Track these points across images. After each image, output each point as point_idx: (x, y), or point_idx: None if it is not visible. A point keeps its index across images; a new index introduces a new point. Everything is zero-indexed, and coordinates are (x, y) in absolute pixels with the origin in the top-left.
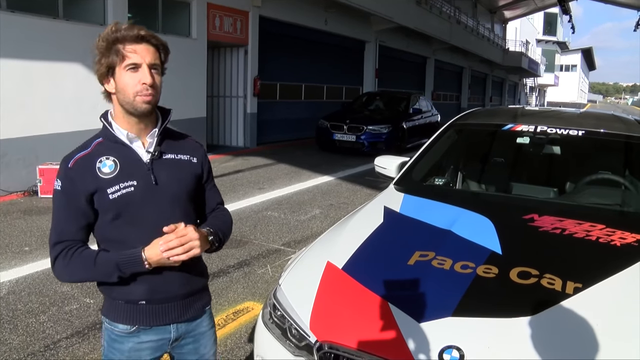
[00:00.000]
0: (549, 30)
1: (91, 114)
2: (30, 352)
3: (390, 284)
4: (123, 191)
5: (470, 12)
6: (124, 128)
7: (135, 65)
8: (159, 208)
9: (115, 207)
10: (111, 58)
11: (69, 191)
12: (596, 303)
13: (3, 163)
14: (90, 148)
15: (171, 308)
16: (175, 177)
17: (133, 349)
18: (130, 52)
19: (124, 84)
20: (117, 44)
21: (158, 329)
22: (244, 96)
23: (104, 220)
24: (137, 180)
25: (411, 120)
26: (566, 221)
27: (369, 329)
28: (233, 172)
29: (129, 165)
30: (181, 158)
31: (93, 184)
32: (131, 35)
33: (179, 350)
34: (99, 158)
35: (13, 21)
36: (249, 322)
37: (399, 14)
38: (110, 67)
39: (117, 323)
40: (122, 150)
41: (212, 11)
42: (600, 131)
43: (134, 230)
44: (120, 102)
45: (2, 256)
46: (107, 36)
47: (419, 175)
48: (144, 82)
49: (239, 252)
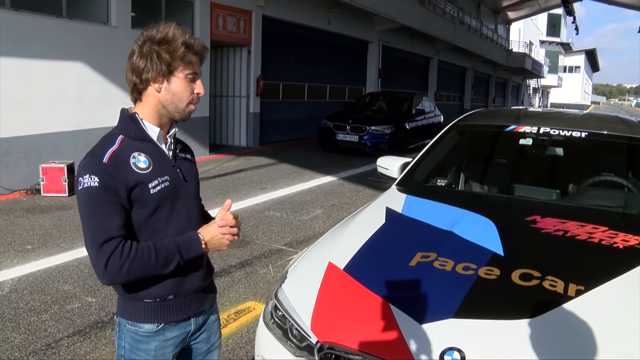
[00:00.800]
0: (552, 31)
1: (93, 112)
2: (32, 351)
3: (392, 285)
4: (162, 185)
5: (474, 13)
6: (156, 126)
7: (195, 74)
8: (188, 202)
9: (156, 201)
10: (176, 62)
11: (109, 186)
12: (598, 305)
13: (5, 161)
14: (116, 144)
15: (193, 300)
16: (191, 174)
17: (159, 347)
18: (194, 62)
19: (181, 89)
20: (187, 50)
21: (182, 323)
22: (247, 96)
23: (139, 217)
24: (169, 176)
25: (414, 121)
26: (568, 223)
27: (370, 330)
28: (235, 171)
29: (159, 161)
30: (187, 157)
31: (132, 178)
32: (201, 48)
33: (194, 341)
34: (130, 154)
35: (17, 20)
36: (251, 322)
37: (402, 14)
38: (172, 70)
39: (142, 324)
40: (147, 147)
41: (216, 11)
42: (603, 133)
43: (170, 223)
44: (166, 105)
45: (5, 254)
46: (180, 40)
47: (421, 176)
48: (200, 92)
49: (241, 252)
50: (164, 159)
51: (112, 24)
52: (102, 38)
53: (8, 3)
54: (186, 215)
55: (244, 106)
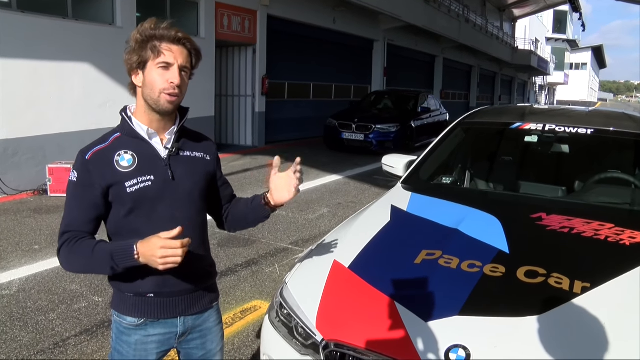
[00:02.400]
0: (558, 28)
1: (99, 113)
2: (39, 350)
3: (397, 283)
4: (140, 185)
5: (479, 11)
6: (144, 124)
7: (167, 64)
8: (175, 203)
9: (132, 200)
10: (145, 52)
11: (84, 182)
12: (604, 303)
13: (13, 162)
14: (108, 142)
15: (179, 302)
16: (191, 173)
17: (140, 341)
18: (166, 51)
19: (152, 79)
20: (154, 41)
21: (165, 322)
22: (252, 95)
23: (118, 214)
24: (155, 175)
25: (419, 119)
26: (574, 220)
27: (376, 327)
28: (241, 170)
29: (147, 160)
30: (196, 155)
31: (111, 177)
32: (169, 35)
33: (186, 346)
34: (117, 152)
35: (23, 21)
36: (257, 321)
37: (407, 12)
38: (142, 61)
39: (125, 315)
40: (140, 145)
41: (221, 10)
42: (609, 129)
43: (148, 224)
44: (145, 97)
45: (13, 254)
46: (146, 31)
47: (426, 174)
48: (172, 81)
49: (247, 251)
50: (154, 158)
51: (118, 25)
52: (107, 39)
53: (15, 5)
54: (171, 217)
55: (250, 105)
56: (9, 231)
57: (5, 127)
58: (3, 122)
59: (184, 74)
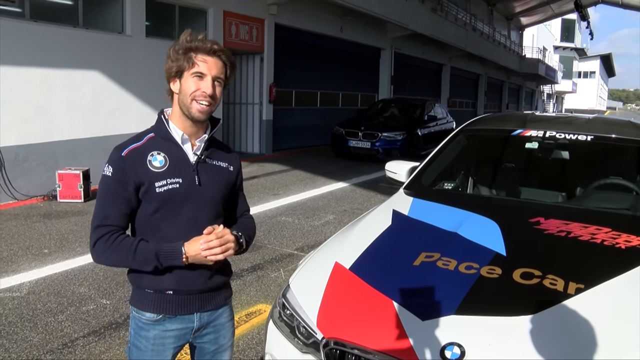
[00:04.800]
0: (566, 36)
1: (109, 120)
2: (49, 350)
3: (396, 284)
4: (169, 186)
5: (486, 19)
6: (179, 128)
7: (201, 74)
8: (197, 207)
9: (159, 200)
10: (182, 62)
11: (119, 178)
12: (597, 303)
13: (24, 168)
14: (143, 141)
15: (195, 299)
16: (215, 181)
17: (158, 336)
18: (201, 62)
19: (187, 87)
20: (191, 52)
21: (182, 318)
22: (260, 103)
23: (146, 211)
24: (182, 179)
25: (426, 127)
26: (572, 224)
27: (374, 326)
28: (248, 178)
29: (177, 163)
30: (221, 165)
31: (143, 175)
32: (205, 47)
33: (200, 340)
34: (150, 152)
35: (35, 30)
36: (261, 324)
37: (414, 21)
38: (179, 70)
39: (144, 311)
40: (172, 148)
41: (229, 19)
42: (611, 136)
43: (171, 224)
44: (180, 104)
45: (23, 258)
46: (184, 44)
47: (428, 179)
48: (205, 90)
49: (253, 256)
50: (183, 162)
51: (127, 33)
52: (117, 47)
53: (28, 15)
54: (193, 220)
55: (257, 113)
56: (20, 235)
57: (16, 134)
58: (14, 128)
59: (217, 83)
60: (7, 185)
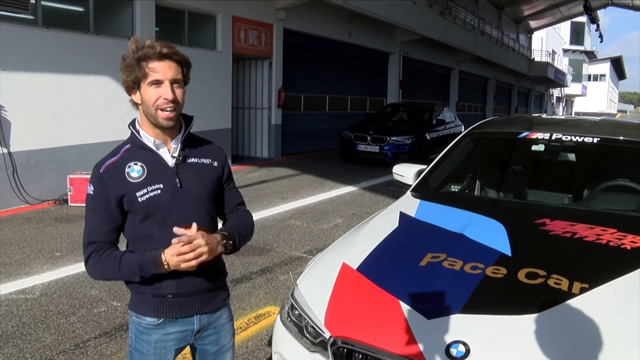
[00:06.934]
0: (576, 39)
1: (119, 124)
2: (61, 350)
3: (402, 284)
4: (150, 194)
5: (495, 23)
6: (150, 135)
7: (158, 81)
8: (184, 208)
9: (144, 209)
10: (136, 74)
11: (100, 195)
12: (601, 303)
13: (36, 172)
14: (119, 154)
15: (195, 301)
16: (198, 179)
17: (159, 340)
18: (153, 70)
19: (147, 97)
20: (142, 62)
21: (183, 320)
22: (269, 108)
23: (133, 221)
24: (163, 184)
25: (435, 131)
26: (577, 225)
27: (381, 325)
28: (258, 182)
29: (156, 169)
30: (204, 162)
31: (123, 188)
32: (154, 53)
33: (201, 342)
34: (127, 163)
35: (47, 37)
36: (270, 326)
37: (422, 25)
38: (136, 82)
39: (144, 316)
40: (149, 155)
41: (237, 24)
42: (616, 138)
43: (163, 230)
44: (146, 114)
45: (35, 261)
46: (132, 55)
47: (435, 182)
48: (165, 97)
49: (262, 259)
50: (163, 167)
51: None
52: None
53: (40, 22)
54: (181, 222)
55: (266, 118)
56: (32, 239)
57: (29, 139)
58: (27, 133)
59: (176, 85)
60: (20, 189)
